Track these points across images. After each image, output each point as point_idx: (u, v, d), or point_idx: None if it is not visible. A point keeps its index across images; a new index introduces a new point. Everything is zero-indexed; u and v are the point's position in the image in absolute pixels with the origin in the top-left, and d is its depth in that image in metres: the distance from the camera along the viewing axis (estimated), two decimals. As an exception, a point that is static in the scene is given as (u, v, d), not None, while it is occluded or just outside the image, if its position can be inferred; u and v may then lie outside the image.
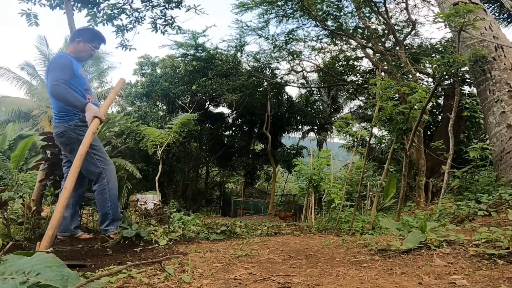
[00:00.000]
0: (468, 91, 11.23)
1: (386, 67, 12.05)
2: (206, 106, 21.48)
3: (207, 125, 21.22)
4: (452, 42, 8.21)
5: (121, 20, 6.44)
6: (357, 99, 19.93)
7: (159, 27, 6.67)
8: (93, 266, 2.27)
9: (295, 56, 18.03)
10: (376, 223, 4.60)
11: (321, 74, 19.44)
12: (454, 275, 1.68)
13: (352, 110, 21.43)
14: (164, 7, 6.51)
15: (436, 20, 8.00)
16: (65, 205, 2.36)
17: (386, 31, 14.42)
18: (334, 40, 16.68)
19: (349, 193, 8.33)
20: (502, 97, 5.04)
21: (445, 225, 2.81)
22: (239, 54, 19.04)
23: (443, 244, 2.21)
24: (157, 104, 20.23)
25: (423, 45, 14.64)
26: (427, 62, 8.41)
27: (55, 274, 0.82)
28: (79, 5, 4.90)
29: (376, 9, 12.66)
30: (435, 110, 12.42)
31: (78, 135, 3.18)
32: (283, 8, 15.35)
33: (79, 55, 3.41)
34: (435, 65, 5.53)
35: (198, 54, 19.01)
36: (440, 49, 13.20)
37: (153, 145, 7.71)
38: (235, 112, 21.36)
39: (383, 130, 7.89)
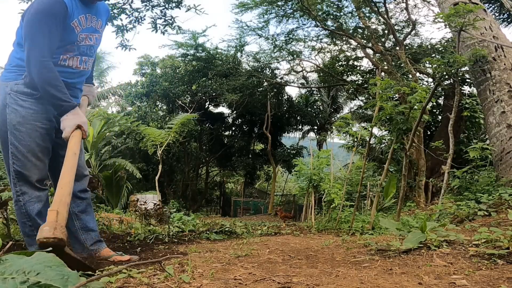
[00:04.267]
0: (468, 91, 11.24)
1: (386, 67, 12.05)
2: (206, 106, 21.48)
3: (207, 125, 21.22)
4: (452, 42, 8.22)
5: (121, 20, 6.45)
6: (357, 99, 19.96)
7: (159, 27, 6.67)
8: (92, 266, 2.27)
9: (295, 56, 18.04)
10: (376, 223, 4.60)
11: (321, 74, 19.45)
12: (454, 275, 1.68)
13: (352, 110, 21.44)
14: (164, 7, 6.52)
15: (436, 20, 8.00)
16: (74, 172, 1.83)
17: (386, 31, 14.42)
18: (334, 40, 16.69)
19: (349, 193, 8.33)
20: (502, 97, 5.04)
21: (445, 225, 2.81)
22: (239, 54, 19.06)
23: (443, 244, 2.21)
24: (157, 104, 20.23)
25: (423, 45, 14.65)
26: (427, 62, 8.42)
27: (55, 273, 0.82)
28: (79, 5, 4.90)
29: (376, 9, 12.67)
30: (435, 110, 12.43)
31: (12, 106, 2.07)
32: (283, 8, 15.36)
33: None
34: (435, 65, 5.53)
35: (198, 54, 19.02)
36: (440, 49, 13.21)
37: (153, 145, 7.72)
38: (235, 112, 21.37)
39: (383, 130, 7.89)
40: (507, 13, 12.58)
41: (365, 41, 14.30)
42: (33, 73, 1.99)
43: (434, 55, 12.86)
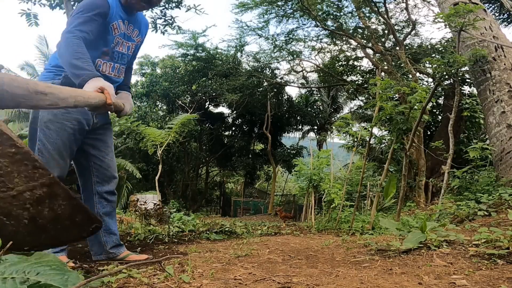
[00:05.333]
0: (468, 91, 11.24)
1: (386, 67, 12.05)
2: (206, 106, 21.49)
3: (207, 125, 21.22)
4: (452, 42, 8.22)
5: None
6: (357, 99, 19.96)
7: (159, 27, 6.68)
8: (93, 265, 2.28)
9: (295, 56, 18.04)
10: (376, 223, 4.60)
11: (321, 74, 19.45)
12: (454, 275, 1.68)
13: (352, 110, 21.44)
14: (164, 7, 6.52)
15: (436, 20, 8.01)
16: (76, 96, 1.59)
17: (386, 31, 14.42)
18: (334, 40, 16.69)
19: (349, 193, 8.33)
20: (502, 97, 5.04)
21: (445, 225, 2.81)
22: (239, 54, 19.07)
23: (443, 244, 2.21)
24: (157, 104, 20.24)
25: (423, 45, 14.65)
26: (427, 62, 8.41)
27: (55, 273, 0.82)
28: (79, 5, 4.90)
29: (376, 9, 12.67)
30: (435, 110, 12.43)
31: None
32: (283, 8, 15.37)
33: None
34: (435, 65, 5.53)
35: (198, 54, 19.02)
36: (440, 49, 13.21)
37: (153, 145, 7.72)
38: (235, 112, 21.37)
39: (383, 130, 7.89)
40: (507, 13, 12.58)
41: (365, 41, 14.30)
42: (61, 47, 1.97)
43: (434, 55, 12.86)
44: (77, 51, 1.92)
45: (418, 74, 12.04)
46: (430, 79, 13.26)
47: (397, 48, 12.30)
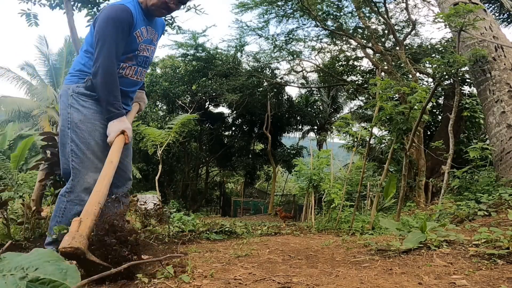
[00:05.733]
0: (468, 91, 11.24)
1: (386, 67, 12.05)
2: (206, 106, 21.47)
3: (207, 125, 21.22)
4: (452, 42, 8.23)
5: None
6: (357, 99, 19.96)
7: (159, 27, 6.66)
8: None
9: (295, 56, 18.04)
10: (376, 223, 4.61)
11: (321, 74, 19.45)
12: (454, 275, 1.68)
13: (352, 110, 21.44)
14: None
15: (436, 20, 8.02)
16: (109, 181, 1.89)
17: (386, 31, 14.43)
18: (334, 40, 16.69)
19: (349, 193, 8.33)
20: (502, 97, 5.04)
21: (445, 225, 2.81)
22: (239, 54, 19.06)
23: (443, 244, 2.21)
24: (157, 104, 20.23)
25: (423, 45, 14.65)
26: (427, 62, 8.41)
27: (54, 268, 0.83)
28: (79, 5, 4.89)
29: (376, 9, 12.67)
30: (435, 110, 12.43)
31: (74, 106, 2.19)
32: (283, 8, 15.37)
33: (150, 3, 2.23)
34: (435, 65, 5.53)
35: (198, 54, 19.01)
36: (440, 49, 13.21)
37: (153, 145, 7.71)
38: (235, 112, 21.36)
39: (383, 130, 7.89)
40: (507, 13, 12.58)
41: (365, 41, 14.31)
42: (98, 73, 2.08)
43: (434, 55, 12.85)
44: (113, 83, 2.10)
45: (418, 74, 12.05)
46: (430, 79, 13.27)
47: (397, 48, 12.30)
